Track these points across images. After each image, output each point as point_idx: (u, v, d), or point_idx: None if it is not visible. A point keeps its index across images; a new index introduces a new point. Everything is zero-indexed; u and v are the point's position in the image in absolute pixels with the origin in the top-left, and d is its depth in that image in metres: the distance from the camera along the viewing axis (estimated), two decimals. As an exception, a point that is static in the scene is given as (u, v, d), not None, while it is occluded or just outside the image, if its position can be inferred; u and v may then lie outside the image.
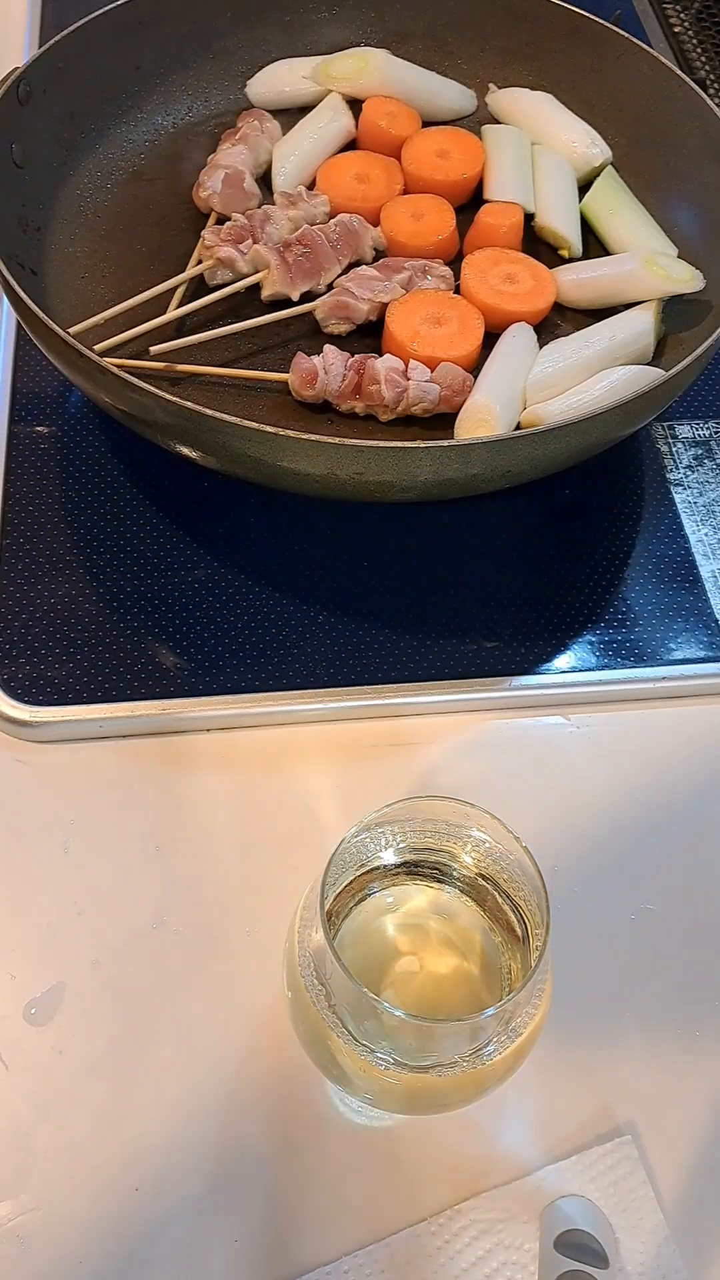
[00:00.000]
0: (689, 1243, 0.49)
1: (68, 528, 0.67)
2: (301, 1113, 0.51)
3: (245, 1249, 0.48)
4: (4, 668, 0.61)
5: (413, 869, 0.49)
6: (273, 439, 0.56)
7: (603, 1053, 0.54)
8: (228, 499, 0.68)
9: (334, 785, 0.60)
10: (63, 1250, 0.48)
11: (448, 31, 0.85)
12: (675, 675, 0.64)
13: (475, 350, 0.71)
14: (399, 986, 0.47)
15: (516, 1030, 0.44)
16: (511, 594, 0.66)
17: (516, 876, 0.46)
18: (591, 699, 0.64)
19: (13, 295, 0.61)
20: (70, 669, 0.61)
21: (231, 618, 0.64)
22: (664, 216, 0.78)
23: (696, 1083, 0.53)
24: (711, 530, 0.70)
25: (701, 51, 1.01)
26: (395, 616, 0.65)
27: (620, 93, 0.81)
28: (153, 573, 0.65)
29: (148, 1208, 0.49)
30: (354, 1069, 0.45)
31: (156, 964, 0.54)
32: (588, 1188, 0.50)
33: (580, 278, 0.75)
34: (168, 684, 0.61)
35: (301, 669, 0.62)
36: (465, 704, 0.63)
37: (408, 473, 0.58)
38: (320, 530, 0.68)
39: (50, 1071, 0.51)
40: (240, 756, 0.60)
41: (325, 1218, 0.49)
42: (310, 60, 0.83)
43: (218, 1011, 0.53)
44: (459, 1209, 0.49)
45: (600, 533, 0.69)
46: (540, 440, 0.59)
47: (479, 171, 0.80)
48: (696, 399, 0.76)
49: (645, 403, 0.61)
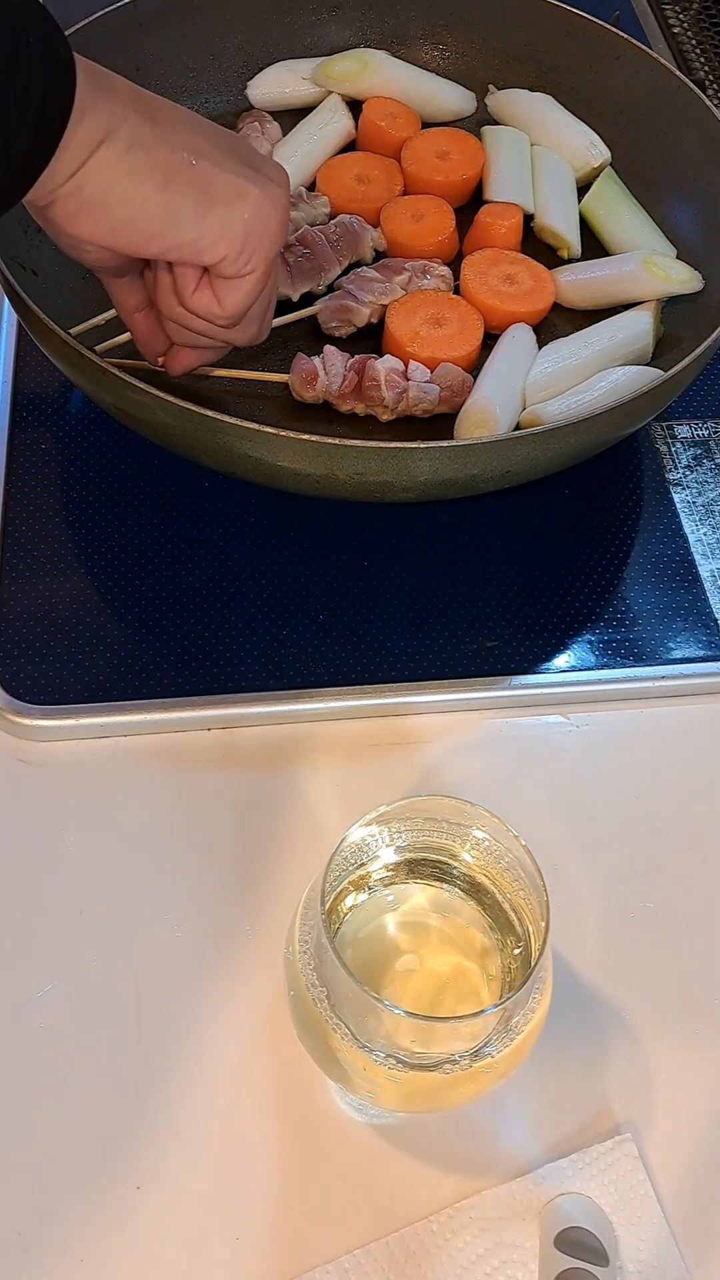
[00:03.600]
0: (688, 1240, 0.49)
1: (69, 528, 0.67)
2: (302, 1111, 0.51)
3: (246, 1247, 0.48)
4: (4, 668, 0.61)
5: (413, 868, 0.49)
6: (273, 439, 0.56)
7: (602, 1051, 0.54)
8: (228, 499, 0.68)
9: (334, 785, 0.60)
10: (63, 1250, 0.48)
11: (448, 32, 0.85)
12: (674, 674, 0.64)
13: (475, 350, 0.71)
14: (399, 985, 0.47)
15: (516, 1029, 0.44)
16: (511, 594, 0.67)
17: (516, 875, 0.47)
18: (591, 698, 0.64)
19: (13, 295, 0.61)
20: (70, 669, 0.61)
21: (232, 618, 0.64)
22: (663, 217, 0.78)
23: (696, 1081, 0.53)
24: (710, 530, 0.70)
25: (700, 53, 1.01)
26: (395, 616, 0.65)
27: (619, 93, 0.81)
28: (153, 573, 0.65)
29: (149, 1206, 0.49)
30: (354, 1067, 0.45)
31: (157, 963, 0.54)
32: (588, 1185, 0.50)
33: (579, 278, 0.75)
34: (168, 684, 0.61)
35: (301, 669, 0.63)
36: (465, 703, 0.63)
37: (408, 473, 0.58)
38: (320, 530, 0.68)
39: (50, 1071, 0.51)
40: (240, 756, 0.60)
41: (326, 1215, 0.49)
42: (310, 61, 0.83)
43: (218, 1010, 0.53)
44: (459, 1207, 0.49)
45: (599, 532, 0.70)
46: (540, 440, 0.59)
47: (478, 172, 0.80)
48: (695, 399, 0.76)
49: (645, 403, 0.61)
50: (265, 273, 0.55)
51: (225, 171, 0.53)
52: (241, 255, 0.54)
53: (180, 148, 0.52)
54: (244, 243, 0.53)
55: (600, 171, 0.80)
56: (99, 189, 0.50)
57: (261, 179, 0.54)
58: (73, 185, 0.49)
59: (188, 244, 0.53)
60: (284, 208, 0.55)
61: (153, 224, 0.52)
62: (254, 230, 0.53)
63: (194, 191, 0.52)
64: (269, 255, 0.55)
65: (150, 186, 0.51)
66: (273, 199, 0.54)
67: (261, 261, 0.55)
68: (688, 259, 0.75)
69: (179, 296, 0.56)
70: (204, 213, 0.52)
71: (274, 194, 0.54)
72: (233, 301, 0.56)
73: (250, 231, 0.53)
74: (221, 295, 0.55)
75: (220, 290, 0.55)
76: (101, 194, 0.50)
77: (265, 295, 0.58)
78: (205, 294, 0.55)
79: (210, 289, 0.55)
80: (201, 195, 0.52)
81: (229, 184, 0.53)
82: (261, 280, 0.56)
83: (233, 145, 0.55)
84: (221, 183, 0.53)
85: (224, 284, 0.55)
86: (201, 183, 0.52)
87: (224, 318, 0.56)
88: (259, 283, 0.55)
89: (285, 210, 0.55)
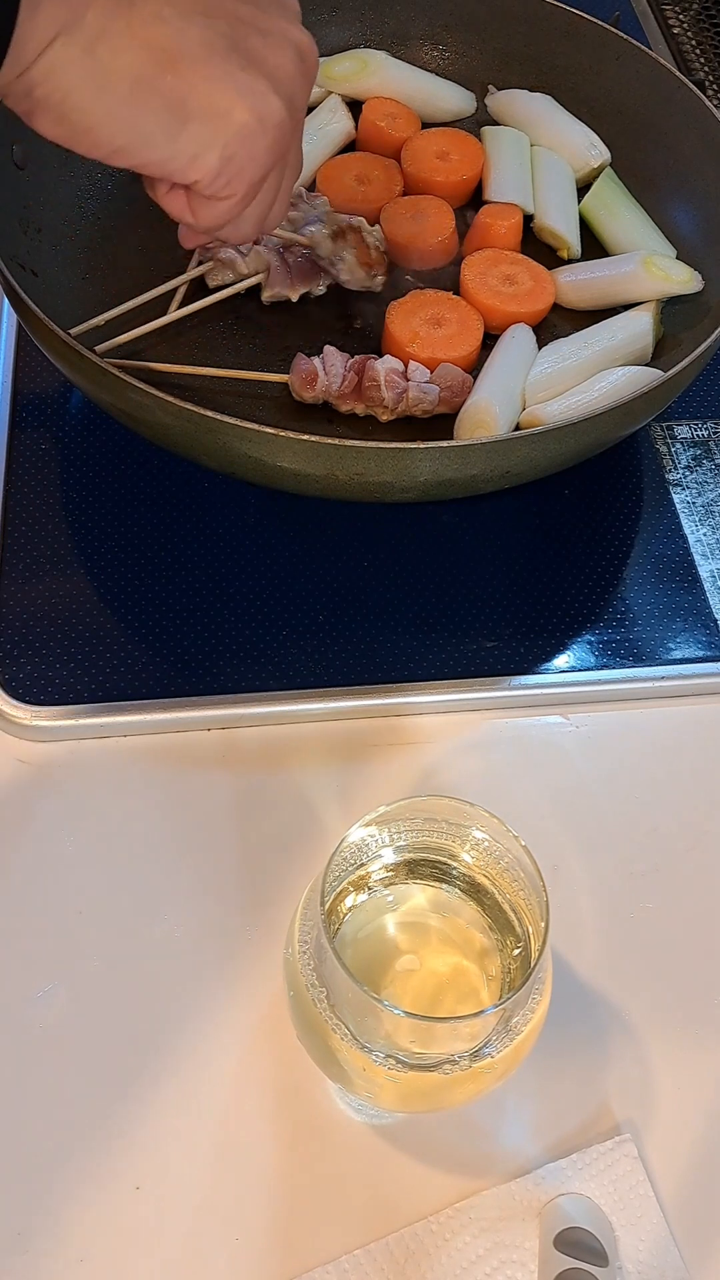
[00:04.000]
0: (688, 1240, 0.49)
1: (69, 528, 0.67)
2: (302, 1111, 0.51)
3: (246, 1247, 0.48)
4: (4, 668, 0.61)
5: (412, 868, 0.49)
6: (272, 440, 0.56)
7: (602, 1051, 0.54)
8: (228, 499, 0.68)
9: (334, 785, 0.60)
10: (63, 1250, 0.48)
11: (447, 32, 0.85)
12: (674, 675, 0.65)
13: (474, 351, 0.71)
14: (399, 985, 0.47)
15: (516, 1029, 0.44)
16: (511, 594, 0.67)
17: (516, 876, 0.47)
18: (591, 698, 0.64)
19: (13, 296, 0.61)
20: (70, 669, 0.61)
21: (231, 618, 0.64)
22: (662, 217, 0.78)
23: (696, 1081, 0.53)
24: (710, 530, 0.70)
25: (700, 53, 1.01)
26: (395, 616, 0.65)
27: (619, 94, 0.81)
28: (153, 573, 0.65)
29: (148, 1206, 0.49)
30: (354, 1067, 0.45)
31: (157, 963, 0.54)
32: (587, 1186, 0.50)
33: (579, 279, 0.75)
34: (168, 684, 0.61)
35: (301, 669, 0.63)
36: (465, 703, 0.63)
37: (407, 473, 0.58)
38: (320, 530, 0.68)
39: (50, 1070, 0.51)
40: (240, 756, 0.60)
41: (326, 1215, 0.49)
42: (310, 62, 0.83)
43: (218, 1010, 0.53)
44: (459, 1207, 0.49)
45: (599, 533, 0.70)
46: (540, 440, 0.59)
47: (478, 173, 0.80)
48: (695, 399, 0.76)
49: (644, 403, 0.61)
50: (246, 194, 0.49)
51: (210, 80, 0.45)
52: (218, 179, 0.47)
53: (158, 45, 0.43)
54: (221, 167, 0.47)
55: (600, 172, 0.80)
56: (52, 91, 0.42)
57: (258, 87, 0.46)
58: (22, 84, 0.42)
59: (155, 163, 0.46)
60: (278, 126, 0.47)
61: (115, 138, 0.44)
62: (234, 154, 0.46)
63: (166, 105, 0.44)
64: (253, 178, 0.48)
65: (113, 97, 0.43)
66: (262, 117, 0.46)
67: (243, 185, 0.48)
68: (687, 259, 0.75)
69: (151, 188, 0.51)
70: (176, 131, 0.45)
71: (266, 110, 0.46)
72: (207, 217, 0.50)
73: (230, 155, 0.46)
74: (196, 209, 0.50)
75: (195, 204, 0.49)
76: (57, 97, 0.42)
77: (262, 199, 0.50)
78: (178, 199, 0.50)
79: (185, 197, 0.50)
80: (175, 110, 0.44)
81: (211, 96, 0.45)
82: (243, 202, 0.49)
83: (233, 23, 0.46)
84: (202, 94, 0.45)
85: (200, 200, 0.49)
86: (177, 93, 0.44)
87: (198, 228, 0.51)
88: (238, 205, 0.49)
89: (281, 128, 0.47)
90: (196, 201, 0.49)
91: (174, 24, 0.44)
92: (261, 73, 0.46)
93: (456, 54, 0.86)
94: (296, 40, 0.49)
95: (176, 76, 0.44)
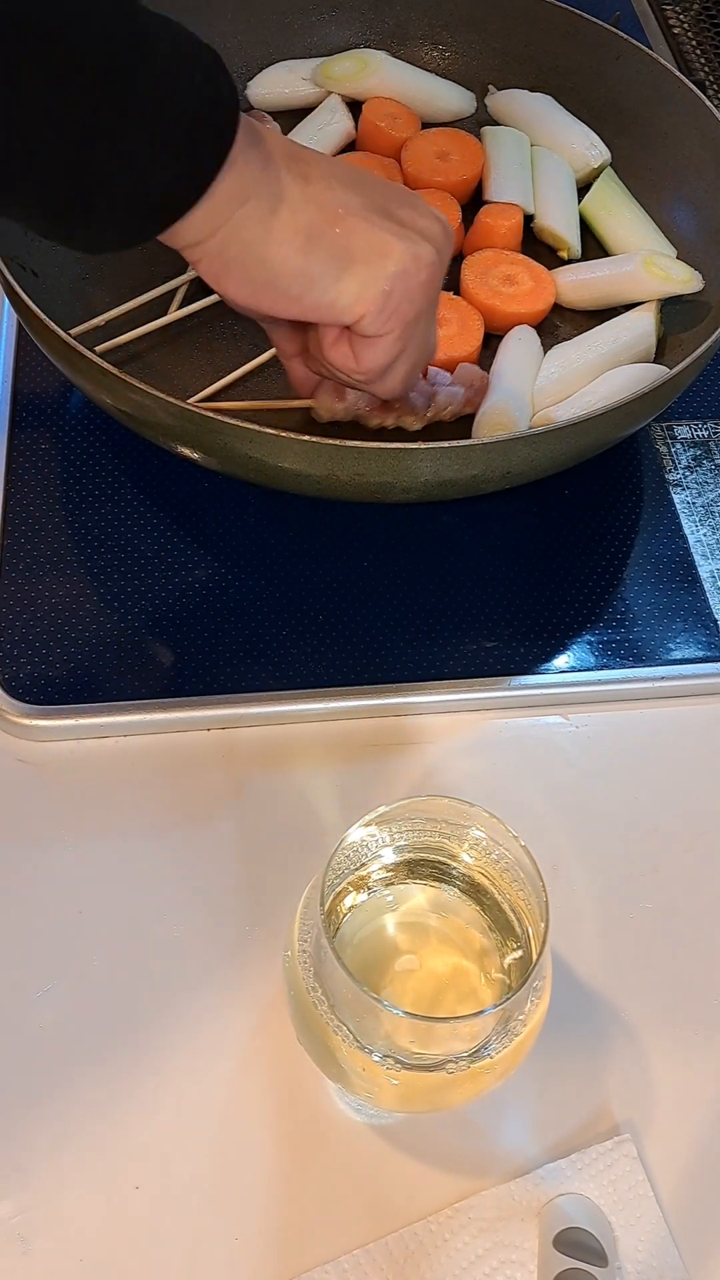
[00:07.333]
0: (687, 1240, 0.49)
1: (69, 528, 0.67)
2: (301, 1111, 0.51)
3: (246, 1247, 0.48)
4: (4, 668, 0.61)
5: (412, 868, 0.49)
6: (273, 440, 0.56)
7: (602, 1051, 0.54)
8: (228, 499, 0.68)
9: (334, 785, 0.60)
10: (63, 1249, 0.48)
11: (448, 32, 0.86)
12: (674, 675, 0.65)
13: (475, 351, 0.71)
14: (398, 985, 0.47)
15: (515, 1029, 0.44)
16: (511, 594, 0.67)
17: (516, 876, 0.47)
18: (590, 699, 0.64)
19: (14, 296, 0.61)
20: (70, 669, 0.61)
21: (231, 618, 0.64)
22: (663, 217, 0.78)
23: (696, 1082, 0.53)
24: (710, 530, 0.70)
25: (701, 53, 1.01)
26: (395, 616, 0.65)
27: (619, 94, 0.81)
28: (153, 573, 0.65)
29: (148, 1206, 0.49)
30: (354, 1067, 0.45)
31: (157, 963, 0.54)
32: (587, 1186, 0.50)
33: (579, 279, 0.75)
34: (168, 684, 0.62)
35: (301, 669, 0.63)
36: (465, 704, 0.63)
37: (408, 474, 0.58)
38: (320, 530, 0.68)
39: (50, 1070, 0.51)
40: (240, 756, 0.60)
41: (325, 1215, 0.49)
42: (310, 62, 0.83)
43: (218, 1010, 0.53)
44: (458, 1207, 0.49)
45: (599, 533, 0.70)
46: (540, 440, 0.59)
47: (478, 173, 0.80)
48: (695, 399, 0.76)
49: (645, 403, 0.61)
50: (403, 333, 0.54)
51: (370, 230, 0.52)
52: (380, 316, 0.53)
53: (328, 206, 0.51)
54: (382, 303, 0.52)
55: (600, 172, 0.80)
56: (241, 249, 0.50)
57: (410, 236, 0.53)
58: (217, 244, 0.49)
59: (325, 305, 0.52)
60: (430, 267, 0.54)
61: (292, 287, 0.51)
62: (393, 291, 0.52)
63: (334, 253, 0.51)
64: (408, 316, 0.54)
65: (290, 249, 0.50)
66: (417, 258, 0.53)
67: (400, 323, 0.53)
68: (688, 259, 0.75)
69: (318, 347, 0.56)
70: (341, 274, 0.51)
71: (420, 253, 0.53)
72: (368, 359, 0.55)
73: (389, 291, 0.52)
74: (358, 352, 0.55)
75: (357, 347, 0.55)
76: (243, 255, 0.50)
77: (410, 353, 0.56)
78: (343, 348, 0.55)
79: (349, 344, 0.55)
80: (341, 256, 0.51)
81: (372, 242, 0.52)
82: (400, 341, 0.54)
83: (387, 200, 0.54)
84: (364, 241, 0.52)
85: (361, 341, 0.54)
86: (342, 243, 0.51)
87: (359, 374, 0.56)
88: (397, 343, 0.54)
89: (433, 269, 0.54)
90: (358, 344, 0.55)
91: (341, 193, 0.52)
92: (413, 229, 0.53)
93: (456, 54, 0.86)
94: (439, 214, 0.56)
95: (343, 229, 0.51)
